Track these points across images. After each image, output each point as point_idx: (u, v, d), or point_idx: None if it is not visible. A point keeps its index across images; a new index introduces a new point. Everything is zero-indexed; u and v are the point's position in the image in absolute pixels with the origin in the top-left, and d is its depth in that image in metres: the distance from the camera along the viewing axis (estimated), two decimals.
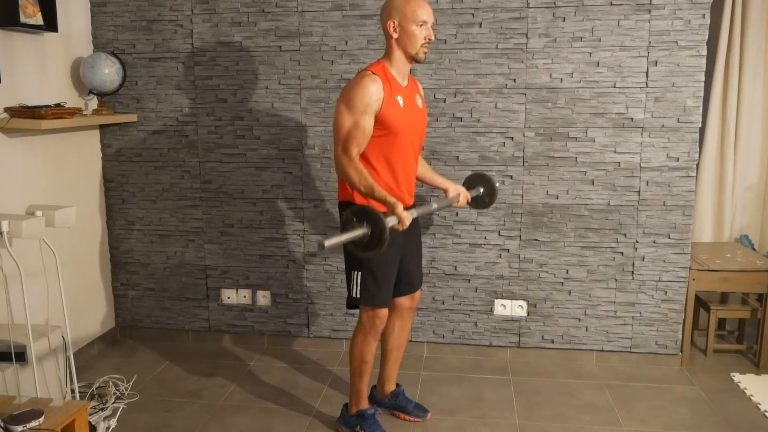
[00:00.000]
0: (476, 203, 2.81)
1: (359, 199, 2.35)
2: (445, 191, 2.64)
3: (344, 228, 2.06)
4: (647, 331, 3.22)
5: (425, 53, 2.34)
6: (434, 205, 2.47)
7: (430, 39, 2.32)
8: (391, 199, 2.14)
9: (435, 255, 3.28)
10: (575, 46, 3.03)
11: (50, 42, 3.01)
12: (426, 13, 2.29)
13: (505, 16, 3.05)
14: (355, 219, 2.03)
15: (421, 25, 2.29)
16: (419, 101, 2.46)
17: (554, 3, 3.01)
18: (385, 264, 2.41)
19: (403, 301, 2.63)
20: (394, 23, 2.29)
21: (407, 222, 2.13)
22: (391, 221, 2.07)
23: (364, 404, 2.60)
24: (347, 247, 2.16)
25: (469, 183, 2.80)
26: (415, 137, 2.43)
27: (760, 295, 3.19)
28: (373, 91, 2.24)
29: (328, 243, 1.86)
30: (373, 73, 2.28)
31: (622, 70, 3.02)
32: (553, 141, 3.11)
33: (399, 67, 2.36)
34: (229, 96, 3.30)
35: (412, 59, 2.35)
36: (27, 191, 2.87)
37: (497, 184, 2.76)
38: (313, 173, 3.29)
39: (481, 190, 2.75)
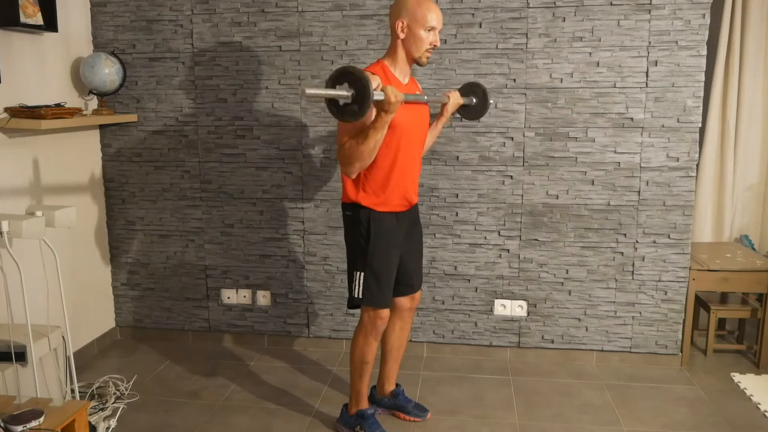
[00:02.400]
0: (467, 112, 2.80)
1: (364, 201, 2.35)
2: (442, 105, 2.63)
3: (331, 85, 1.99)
4: (647, 331, 3.22)
5: (428, 58, 2.36)
6: (425, 97, 2.43)
7: (435, 45, 2.33)
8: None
9: (435, 255, 3.28)
10: (575, 46, 3.03)
11: (50, 42, 3.01)
12: (436, 20, 2.29)
13: (505, 16, 3.05)
14: (342, 80, 1.96)
15: (429, 30, 2.29)
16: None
17: (554, 3, 3.01)
18: (387, 264, 2.42)
19: (404, 302, 2.63)
20: (402, 23, 2.29)
21: (393, 99, 2.06)
22: (377, 95, 2.02)
23: (364, 404, 2.60)
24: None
25: (464, 91, 2.77)
26: (418, 134, 2.44)
27: (760, 295, 3.19)
28: None
29: (309, 90, 1.79)
30: (372, 73, 2.29)
31: (622, 70, 3.02)
32: (553, 141, 3.11)
33: (401, 66, 2.37)
34: (229, 96, 3.30)
35: (414, 61, 2.36)
36: (27, 191, 2.87)
37: (492, 101, 2.75)
38: (313, 173, 3.29)
39: (474, 99, 2.75)
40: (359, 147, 2.17)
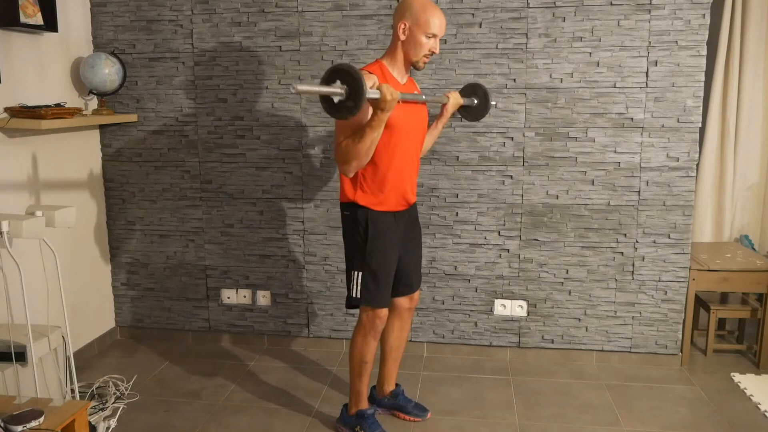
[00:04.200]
0: (468, 113, 2.81)
1: (362, 201, 2.35)
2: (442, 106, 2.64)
3: (324, 83, 1.98)
4: (647, 331, 3.22)
5: (425, 63, 2.36)
6: (423, 97, 2.41)
7: (434, 51, 2.33)
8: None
9: (435, 255, 3.28)
10: (575, 46, 3.03)
11: (50, 42, 3.01)
12: (438, 27, 2.29)
13: (505, 16, 3.05)
14: (335, 78, 1.95)
15: (429, 37, 2.30)
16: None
17: (554, 3, 3.01)
18: (385, 264, 2.42)
19: (402, 302, 2.63)
20: (405, 25, 2.29)
21: (389, 96, 2.04)
22: (373, 93, 2.01)
23: (364, 404, 2.60)
24: (348, 239, 2.14)
25: (465, 91, 2.79)
26: (416, 134, 2.44)
27: (760, 295, 3.19)
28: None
29: (300, 87, 1.77)
30: (370, 72, 2.29)
31: (622, 70, 3.02)
32: (553, 141, 3.11)
33: (398, 67, 2.37)
34: (229, 96, 3.30)
35: (411, 65, 2.36)
36: (27, 191, 2.87)
37: (493, 102, 2.75)
38: (313, 173, 3.29)
39: (475, 101, 2.76)
40: (356, 146, 2.17)
